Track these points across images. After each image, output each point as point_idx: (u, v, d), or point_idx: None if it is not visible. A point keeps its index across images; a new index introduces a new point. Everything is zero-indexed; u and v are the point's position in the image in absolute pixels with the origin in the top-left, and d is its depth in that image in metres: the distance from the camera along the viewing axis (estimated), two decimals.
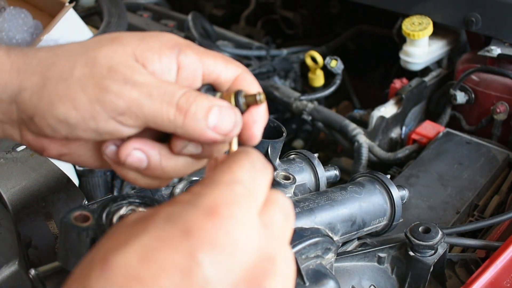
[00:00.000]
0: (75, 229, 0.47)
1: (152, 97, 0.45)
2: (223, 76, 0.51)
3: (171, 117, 0.46)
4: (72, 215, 0.48)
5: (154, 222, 0.36)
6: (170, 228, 0.35)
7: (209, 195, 0.38)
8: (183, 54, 0.49)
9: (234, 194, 0.38)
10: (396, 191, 0.75)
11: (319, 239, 0.62)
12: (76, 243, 0.48)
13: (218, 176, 0.40)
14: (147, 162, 0.49)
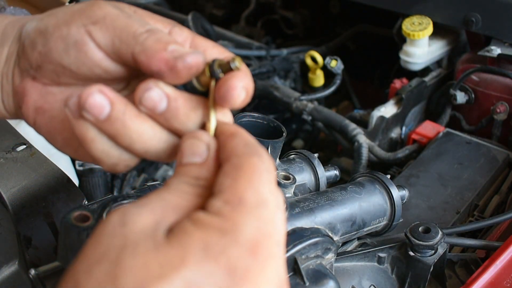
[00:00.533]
0: (75, 229, 0.47)
1: (129, 17, 0.45)
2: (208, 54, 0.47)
3: (137, 32, 0.44)
4: (72, 215, 0.48)
5: (191, 252, 0.34)
6: (212, 264, 0.33)
7: (245, 226, 0.36)
8: (177, 28, 0.49)
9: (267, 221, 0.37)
10: (396, 191, 0.75)
11: (319, 239, 0.62)
12: (76, 243, 0.48)
13: (243, 193, 0.37)
14: (109, 110, 0.43)
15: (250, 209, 0.36)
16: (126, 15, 0.46)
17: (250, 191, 0.37)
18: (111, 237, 0.35)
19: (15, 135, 0.85)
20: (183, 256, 0.33)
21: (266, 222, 0.37)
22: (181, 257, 0.33)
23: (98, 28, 0.45)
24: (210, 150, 0.41)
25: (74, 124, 0.45)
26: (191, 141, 0.42)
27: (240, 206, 0.36)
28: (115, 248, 0.34)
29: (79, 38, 0.45)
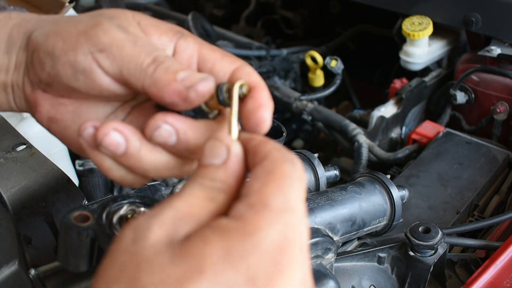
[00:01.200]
0: (75, 229, 0.47)
1: (135, 44, 0.45)
2: (218, 66, 0.48)
3: (144, 64, 0.44)
4: (72, 215, 0.48)
5: (209, 259, 0.32)
6: (231, 273, 0.32)
7: (268, 230, 0.34)
8: (183, 40, 0.49)
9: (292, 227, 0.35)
10: (396, 191, 0.75)
11: (319, 239, 0.62)
12: (76, 243, 0.48)
13: (270, 198, 0.36)
14: (125, 147, 0.45)
15: (276, 214, 0.35)
16: (131, 40, 0.46)
17: (278, 197, 0.36)
18: (125, 254, 0.34)
19: (15, 135, 0.85)
20: (200, 266, 0.32)
21: (292, 228, 0.35)
22: (198, 267, 0.32)
23: (105, 56, 0.45)
24: (230, 152, 0.40)
25: (89, 154, 0.47)
26: (212, 143, 0.41)
27: (265, 211, 0.35)
28: (131, 265, 0.33)
29: (87, 66, 0.46)
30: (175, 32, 0.50)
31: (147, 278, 0.32)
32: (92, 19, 0.47)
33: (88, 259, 0.49)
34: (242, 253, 0.33)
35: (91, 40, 0.46)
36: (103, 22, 0.46)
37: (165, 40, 0.49)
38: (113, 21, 0.47)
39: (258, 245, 0.33)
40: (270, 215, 0.35)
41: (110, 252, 0.35)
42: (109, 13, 0.49)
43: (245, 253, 0.33)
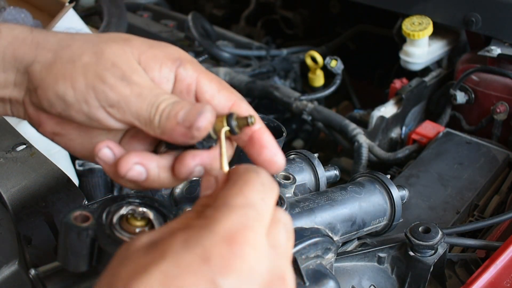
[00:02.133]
0: (75, 229, 0.47)
1: (140, 97, 0.49)
2: (215, 101, 0.53)
3: (151, 116, 0.49)
4: (72, 215, 0.48)
5: (172, 247, 0.37)
6: (189, 255, 0.36)
7: (225, 220, 0.39)
8: (183, 67, 0.53)
9: (247, 218, 0.40)
10: (396, 191, 0.75)
11: (319, 239, 0.62)
12: (76, 243, 0.48)
13: (230, 199, 0.41)
14: (146, 175, 0.52)
15: (233, 208, 0.40)
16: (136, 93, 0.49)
17: (238, 197, 0.41)
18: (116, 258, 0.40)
19: (15, 135, 0.85)
20: (163, 252, 0.37)
21: (249, 219, 0.39)
22: (161, 253, 0.37)
23: (116, 110, 0.50)
24: (217, 182, 0.46)
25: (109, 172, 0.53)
26: (205, 178, 0.47)
27: (223, 208, 0.40)
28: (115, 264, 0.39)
29: (100, 117, 0.50)
30: (174, 60, 0.53)
31: (124, 268, 0.37)
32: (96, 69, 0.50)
33: (88, 259, 0.49)
34: (198, 239, 0.37)
35: (100, 96, 0.49)
36: (108, 78, 0.49)
37: (165, 71, 0.52)
38: (117, 72, 0.50)
39: (213, 232, 0.38)
40: (228, 210, 0.40)
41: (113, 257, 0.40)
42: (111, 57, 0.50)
43: (201, 239, 0.37)
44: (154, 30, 1.85)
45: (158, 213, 0.53)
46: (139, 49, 0.52)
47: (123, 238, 0.49)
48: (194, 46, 1.71)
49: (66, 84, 0.50)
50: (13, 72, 0.53)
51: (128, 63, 0.50)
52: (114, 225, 0.50)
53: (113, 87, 0.49)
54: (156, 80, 0.52)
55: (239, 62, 1.67)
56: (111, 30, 1.42)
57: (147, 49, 0.52)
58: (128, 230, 0.50)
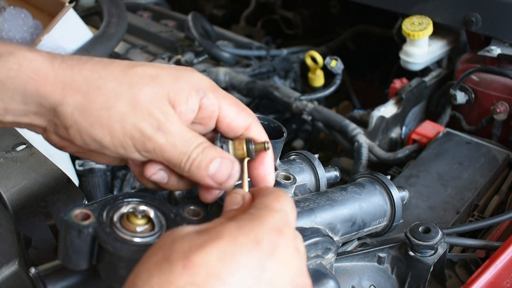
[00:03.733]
0: (76, 227, 0.47)
1: (174, 146, 0.54)
2: (235, 123, 0.59)
3: (182, 164, 0.55)
4: (73, 213, 0.48)
5: (227, 230, 0.44)
6: (244, 237, 0.43)
7: (271, 216, 0.47)
8: (206, 98, 0.58)
9: (286, 220, 0.48)
10: (396, 192, 0.75)
11: (319, 238, 0.62)
12: (76, 241, 0.48)
13: (271, 203, 0.49)
14: (168, 179, 0.58)
15: (274, 211, 0.48)
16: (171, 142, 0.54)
17: (275, 203, 0.49)
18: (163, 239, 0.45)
19: (15, 134, 0.85)
20: (220, 234, 0.43)
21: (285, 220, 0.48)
22: (218, 235, 0.43)
23: (149, 154, 0.55)
24: (244, 200, 0.53)
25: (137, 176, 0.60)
26: (231, 195, 0.54)
27: (266, 208, 0.48)
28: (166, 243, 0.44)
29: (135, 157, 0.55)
30: (198, 91, 0.57)
31: (179, 245, 0.43)
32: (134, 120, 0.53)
33: (88, 257, 0.49)
34: (251, 227, 0.45)
35: (138, 144, 0.54)
36: (145, 128, 0.53)
37: (191, 103, 0.57)
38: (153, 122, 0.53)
39: (264, 222, 0.45)
40: (271, 211, 0.48)
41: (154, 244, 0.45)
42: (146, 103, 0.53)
43: (253, 227, 0.45)
44: (154, 30, 1.85)
45: (158, 211, 0.53)
46: (167, 86, 0.56)
47: (124, 236, 0.49)
48: (194, 46, 1.71)
49: (103, 131, 0.53)
50: (35, 105, 0.53)
51: (162, 109, 0.54)
52: (115, 223, 0.50)
53: (150, 138, 0.53)
54: (183, 112, 0.56)
55: (239, 62, 1.67)
56: (111, 30, 1.42)
57: (173, 83, 0.56)
58: (128, 228, 0.50)
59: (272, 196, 0.50)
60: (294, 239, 0.48)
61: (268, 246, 0.44)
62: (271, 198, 0.50)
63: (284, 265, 0.45)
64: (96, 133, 0.53)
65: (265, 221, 0.46)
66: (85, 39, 1.41)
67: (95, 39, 1.39)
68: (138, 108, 0.53)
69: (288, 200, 0.51)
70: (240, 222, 0.45)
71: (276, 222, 0.46)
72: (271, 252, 0.44)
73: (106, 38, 1.39)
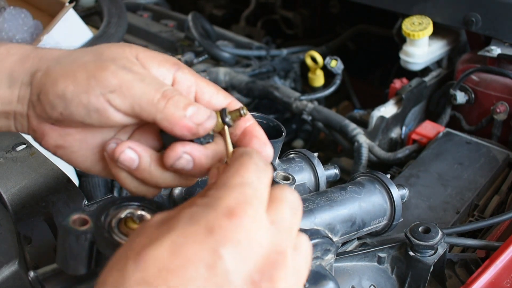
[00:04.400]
0: (74, 233, 0.47)
1: (143, 82, 0.51)
2: (215, 100, 0.56)
3: (155, 100, 0.51)
4: (71, 219, 0.48)
5: (179, 221, 0.41)
6: (194, 227, 0.40)
7: (225, 197, 0.42)
8: (181, 71, 0.55)
9: (245, 195, 0.43)
10: (396, 190, 0.75)
11: (319, 240, 0.62)
12: (74, 246, 0.48)
13: (229, 179, 0.45)
14: (138, 162, 0.54)
15: (232, 187, 0.44)
16: (139, 78, 0.51)
17: (235, 177, 0.45)
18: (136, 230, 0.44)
19: (15, 134, 0.85)
20: (172, 226, 0.41)
21: (246, 196, 0.43)
22: (169, 227, 0.41)
23: (116, 96, 0.51)
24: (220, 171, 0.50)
25: (110, 166, 0.56)
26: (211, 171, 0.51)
27: (223, 187, 0.44)
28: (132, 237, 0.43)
29: (99, 106, 0.51)
30: (172, 64, 0.55)
31: (137, 239, 0.41)
32: (97, 62, 0.52)
33: (87, 262, 0.49)
34: (201, 214, 0.41)
35: (102, 82, 0.50)
36: (110, 66, 0.51)
37: (163, 71, 0.55)
38: (117, 62, 0.52)
39: (215, 207, 0.42)
40: (227, 189, 0.44)
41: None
42: (110, 55, 0.53)
43: (204, 214, 0.41)
44: (154, 30, 1.85)
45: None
46: (137, 49, 0.54)
47: (121, 241, 0.48)
48: (194, 46, 1.71)
49: (66, 81, 0.51)
50: (18, 87, 0.55)
51: (127, 59, 0.53)
52: (113, 229, 0.49)
53: (114, 73, 0.50)
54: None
55: (239, 62, 1.67)
56: (111, 30, 1.42)
57: (145, 50, 0.55)
58: (126, 234, 0.50)
59: (233, 169, 0.46)
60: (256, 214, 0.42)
61: (220, 232, 0.40)
62: (232, 171, 0.45)
63: (245, 248, 0.40)
64: (59, 87, 0.51)
65: (218, 204, 0.42)
66: (85, 39, 1.41)
67: (95, 39, 1.39)
68: (102, 56, 0.52)
69: (252, 164, 0.46)
70: (194, 209, 0.42)
71: (228, 204, 0.42)
72: (225, 238, 0.40)
73: (106, 38, 1.39)
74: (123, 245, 0.43)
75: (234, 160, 0.48)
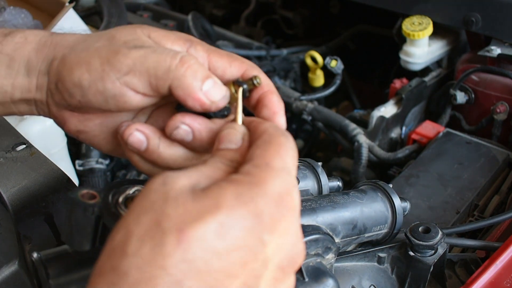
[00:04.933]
0: (82, 205, 0.48)
1: (156, 52, 0.50)
2: (228, 73, 0.54)
3: (173, 66, 0.50)
4: (80, 193, 0.49)
5: (225, 199, 0.39)
6: (243, 209, 0.39)
7: (272, 181, 0.41)
8: (193, 48, 0.55)
9: (289, 183, 0.43)
10: (397, 199, 0.75)
11: (320, 236, 0.62)
12: (81, 219, 0.48)
13: (271, 160, 0.43)
14: (146, 144, 0.54)
15: (276, 171, 0.42)
16: (151, 51, 0.51)
17: (277, 159, 0.44)
18: (155, 193, 0.40)
19: (15, 134, 0.85)
20: (218, 203, 0.39)
21: (289, 184, 0.43)
22: (216, 204, 0.39)
23: (131, 76, 0.51)
24: (244, 139, 0.48)
25: (124, 148, 0.56)
26: (228, 131, 0.49)
27: (267, 168, 0.42)
28: (159, 201, 0.40)
29: (117, 92, 0.51)
30: (185, 41, 0.55)
31: (172, 209, 0.39)
32: (109, 47, 0.52)
33: (92, 238, 0.49)
34: (251, 197, 0.40)
35: (115, 67, 0.50)
36: (121, 49, 0.51)
37: (177, 48, 0.54)
38: (129, 44, 0.52)
39: (264, 193, 0.40)
40: (272, 172, 0.42)
41: (141, 193, 0.41)
42: (122, 37, 0.53)
43: (254, 196, 0.40)
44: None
45: None
46: (148, 29, 0.55)
47: None
48: None
49: (81, 69, 0.52)
50: (35, 75, 0.55)
51: (139, 38, 0.53)
52: (120, 205, 0.50)
53: (126, 55, 0.50)
54: None
55: None
56: None
57: (157, 30, 0.55)
58: None
59: (272, 149, 0.44)
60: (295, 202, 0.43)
61: (268, 220, 0.40)
62: (272, 151, 0.44)
63: (284, 237, 0.41)
64: (75, 75, 0.52)
65: (266, 187, 0.41)
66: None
67: None
68: (114, 40, 0.53)
69: (290, 149, 0.45)
70: (239, 188, 0.40)
71: (277, 189, 0.41)
72: (271, 226, 0.40)
73: None
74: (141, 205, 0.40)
75: (271, 137, 0.46)
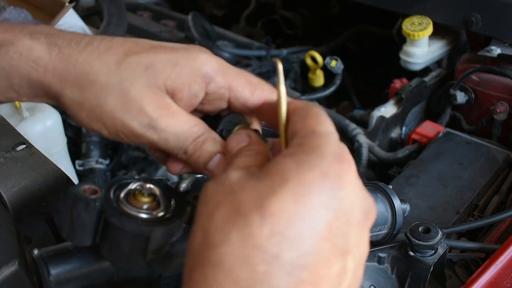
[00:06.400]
0: (84, 200, 0.48)
1: (167, 143, 0.53)
2: (250, 103, 0.55)
3: (179, 155, 0.54)
4: (81, 188, 0.49)
5: (289, 170, 0.40)
6: (309, 174, 0.40)
7: (327, 143, 0.42)
8: (213, 82, 0.54)
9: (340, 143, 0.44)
10: (397, 200, 0.75)
11: None
12: (83, 214, 0.48)
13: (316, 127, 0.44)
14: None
15: (325, 135, 0.43)
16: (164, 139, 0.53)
17: (320, 126, 0.44)
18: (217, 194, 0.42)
19: (15, 134, 0.85)
20: (284, 176, 0.40)
21: (339, 143, 0.43)
22: (282, 177, 0.40)
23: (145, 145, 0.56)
24: (251, 136, 0.50)
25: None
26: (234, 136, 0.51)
27: (315, 135, 0.43)
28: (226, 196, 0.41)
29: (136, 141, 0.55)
30: (203, 78, 0.54)
31: (245, 195, 0.40)
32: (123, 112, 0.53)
33: (93, 233, 0.49)
34: (312, 162, 0.40)
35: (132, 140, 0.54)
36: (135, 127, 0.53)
37: (195, 89, 0.54)
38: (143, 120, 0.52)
39: (322, 155, 0.41)
40: (321, 137, 0.43)
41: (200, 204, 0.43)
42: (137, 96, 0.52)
43: (315, 161, 0.41)
44: (154, 30, 1.85)
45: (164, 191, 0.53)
46: (164, 75, 0.52)
47: (130, 211, 0.50)
48: None
49: (99, 125, 0.54)
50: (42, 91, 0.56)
51: (154, 103, 0.52)
52: (121, 200, 0.50)
53: (140, 137, 0.53)
54: (185, 99, 0.54)
55: (239, 62, 1.67)
56: (111, 30, 1.42)
57: (172, 71, 0.53)
58: (134, 205, 0.51)
59: (312, 119, 0.45)
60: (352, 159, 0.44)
61: (335, 176, 0.40)
62: (312, 121, 0.45)
63: (354, 190, 0.42)
64: (94, 126, 0.55)
65: (322, 151, 0.42)
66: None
67: None
68: (127, 105, 0.52)
69: (326, 116, 0.46)
70: (297, 158, 0.41)
71: (333, 149, 0.42)
72: (339, 181, 0.40)
73: None
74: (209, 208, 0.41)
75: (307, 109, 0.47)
